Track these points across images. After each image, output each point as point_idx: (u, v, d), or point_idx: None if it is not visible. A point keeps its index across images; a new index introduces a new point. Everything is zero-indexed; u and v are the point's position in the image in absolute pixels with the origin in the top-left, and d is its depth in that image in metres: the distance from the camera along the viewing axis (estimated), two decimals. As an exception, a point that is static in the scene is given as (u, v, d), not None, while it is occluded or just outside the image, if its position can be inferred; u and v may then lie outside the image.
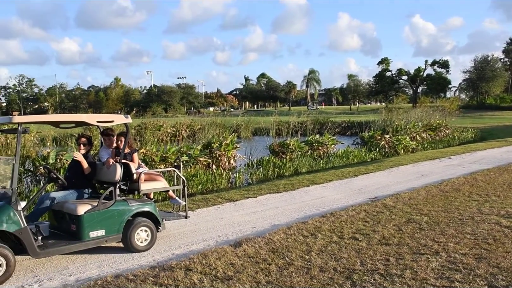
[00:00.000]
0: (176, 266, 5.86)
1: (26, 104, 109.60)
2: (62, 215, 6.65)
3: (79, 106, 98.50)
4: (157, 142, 19.27)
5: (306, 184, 12.27)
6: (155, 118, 35.41)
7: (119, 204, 6.62)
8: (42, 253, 5.89)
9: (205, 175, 13.79)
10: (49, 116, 7.15)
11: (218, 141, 16.96)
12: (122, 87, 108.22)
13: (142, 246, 6.72)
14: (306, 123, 23.82)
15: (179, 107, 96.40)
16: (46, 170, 7.06)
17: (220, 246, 6.72)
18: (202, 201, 10.27)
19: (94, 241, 6.38)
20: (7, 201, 5.73)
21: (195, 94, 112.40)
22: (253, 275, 5.48)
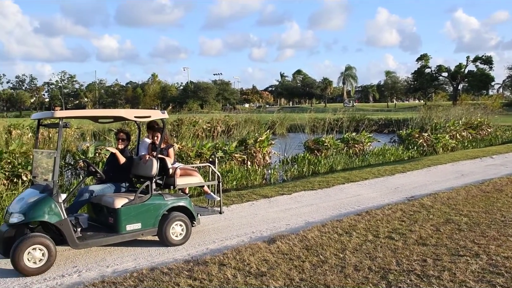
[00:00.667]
0: (210, 261, 5.90)
1: (67, 99, 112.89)
2: (100, 208, 6.81)
3: (117, 102, 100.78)
4: (192, 138, 19.49)
5: (341, 182, 12.14)
6: (191, 114, 35.80)
7: (155, 198, 6.72)
8: (81, 244, 6.05)
9: (240, 171, 13.84)
10: (89, 111, 7.34)
11: (253, 138, 16.98)
12: (159, 83, 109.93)
13: (177, 240, 6.80)
14: (342, 120, 23.57)
15: (215, 103, 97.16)
16: (85, 163, 7.24)
17: (254, 242, 6.73)
18: (236, 197, 10.31)
19: (130, 234, 6.50)
20: (49, 193, 5.91)
21: (230, 91, 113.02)
22: (287, 272, 5.46)
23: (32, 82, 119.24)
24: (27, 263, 5.57)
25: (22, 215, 5.77)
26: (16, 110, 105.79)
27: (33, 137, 27.61)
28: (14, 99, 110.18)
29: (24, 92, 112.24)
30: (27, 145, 15.59)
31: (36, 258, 5.63)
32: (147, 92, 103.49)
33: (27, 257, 5.58)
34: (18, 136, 27.05)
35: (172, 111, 33.56)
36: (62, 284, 5.38)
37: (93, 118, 7.46)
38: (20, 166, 11.01)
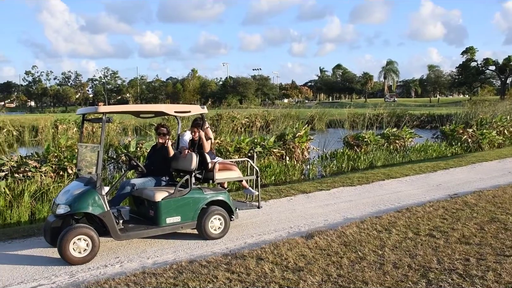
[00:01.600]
0: (248, 254, 5.95)
1: (110, 95, 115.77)
2: (141, 201, 6.97)
3: (158, 97, 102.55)
4: (231, 133, 19.64)
5: (381, 178, 11.96)
6: (230, 109, 36.07)
7: (195, 192, 6.83)
8: (123, 236, 6.22)
9: (278, 166, 13.84)
10: (130, 106, 7.51)
11: (291, 133, 16.93)
12: (198, 79, 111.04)
13: (216, 234, 6.89)
14: (383, 115, 23.17)
15: (254, 98, 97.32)
16: (127, 157, 7.43)
17: (291, 237, 6.74)
18: (274, 192, 10.33)
19: (170, 227, 6.63)
20: (93, 186, 6.11)
21: (269, 86, 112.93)
22: (324, 268, 5.44)
23: (77, 79, 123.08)
24: (72, 252, 5.79)
25: (68, 207, 5.99)
26: (62, 105, 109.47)
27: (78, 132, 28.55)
28: (60, 95, 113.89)
29: (69, 88, 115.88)
30: (72, 139, 16.13)
31: (81, 248, 5.85)
32: (187, 87, 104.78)
33: (73, 247, 5.79)
34: (64, 131, 28.08)
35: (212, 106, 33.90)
36: (105, 273, 5.55)
37: (134, 113, 7.64)
38: (66, 159, 11.39)
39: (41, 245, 6.66)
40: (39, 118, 34.18)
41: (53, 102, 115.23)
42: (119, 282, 5.11)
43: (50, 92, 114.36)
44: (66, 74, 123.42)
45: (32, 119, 37.16)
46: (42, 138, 28.46)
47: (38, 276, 5.48)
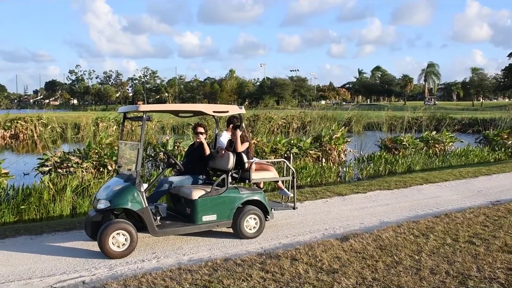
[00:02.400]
0: (282, 255, 5.97)
1: (149, 94, 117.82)
2: (178, 199, 7.10)
3: (196, 97, 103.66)
4: (268, 133, 19.68)
5: (419, 183, 11.73)
6: (267, 110, 36.14)
7: (231, 191, 6.90)
8: (160, 232, 6.35)
9: (314, 168, 13.78)
10: (170, 105, 7.67)
11: (328, 135, 16.84)
12: (236, 79, 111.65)
13: (251, 233, 6.94)
14: (422, 118, 22.72)
15: (291, 99, 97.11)
16: (165, 156, 7.57)
17: (326, 239, 6.71)
18: (310, 194, 10.30)
19: (206, 225, 6.72)
20: (132, 182, 6.26)
21: (307, 87, 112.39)
22: (359, 271, 5.39)
23: (118, 78, 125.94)
24: (111, 246, 5.96)
25: (108, 202, 6.17)
26: (103, 103, 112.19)
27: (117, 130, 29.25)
28: (101, 94, 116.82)
29: (110, 87, 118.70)
30: (111, 136, 16.55)
31: (119, 242, 6.01)
32: (224, 87, 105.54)
33: (112, 241, 5.96)
34: (104, 128, 28.81)
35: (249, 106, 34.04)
36: (142, 268, 5.68)
37: (174, 112, 7.78)
38: (106, 156, 11.72)
39: (82, 238, 6.89)
40: (81, 116, 35.17)
41: (94, 100, 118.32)
42: (156, 277, 5.22)
43: (92, 90, 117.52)
44: (107, 73, 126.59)
45: (74, 116, 38.31)
46: (83, 135, 29.31)
47: (79, 268, 5.67)
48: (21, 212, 8.80)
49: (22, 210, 8.80)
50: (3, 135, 29.94)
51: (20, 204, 8.84)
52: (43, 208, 9.01)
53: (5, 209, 8.59)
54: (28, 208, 8.87)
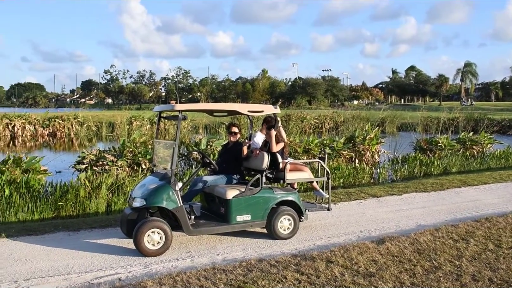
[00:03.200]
0: (317, 257, 5.89)
1: (182, 94, 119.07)
2: (213, 198, 7.10)
3: (228, 97, 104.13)
4: (300, 134, 19.58)
5: (456, 185, 11.42)
6: (299, 110, 35.97)
7: (265, 191, 6.86)
8: (194, 231, 6.36)
9: (347, 168, 13.61)
10: (205, 104, 7.69)
11: (361, 135, 16.62)
12: (268, 79, 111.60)
13: (285, 234, 6.88)
14: (458, 119, 22.15)
15: (323, 99, 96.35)
16: (200, 155, 7.58)
17: (362, 242, 6.59)
18: (344, 195, 10.17)
19: (240, 225, 6.70)
20: (167, 181, 6.30)
21: (339, 87, 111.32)
22: (397, 275, 5.26)
23: (151, 77, 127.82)
24: (146, 244, 6.00)
25: (144, 200, 6.22)
26: (137, 103, 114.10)
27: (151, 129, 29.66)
28: (135, 93, 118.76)
29: (144, 87, 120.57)
30: (145, 135, 16.77)
31: (154, 240, 6.05)
32: (256, 87, 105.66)
33: (147, 239, 6.01)
34: (138, 127, 29.28)
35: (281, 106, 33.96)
36: (177, 267, 5.70)
37: (209, 112, 7.80)
38: (140, 154, 11.88)
39: (117, 235, 6.97)
40: (115, 115, 35.84)
41: (128, 100, 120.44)
42: (191, 276, 5.23)
43: (126, 90, 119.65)
44: (141, 73, 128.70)
45: (109, 115, 39.07)
46: (118, 133, 29.87)
47: (115, 265, 5.74)
48: (59, 208, 8.99)
49: (60, 206, 8.99)
50: (41, 133, 30.82)
51: (58, 201, 9.03)
52: (79, 205, 9.19)
53: (44, 205, 8.79)
54: (66, 204, 9.06)
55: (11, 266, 5.67)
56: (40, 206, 8.73)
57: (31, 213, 8.58)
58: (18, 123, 30.25)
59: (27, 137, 29.61)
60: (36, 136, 30.31)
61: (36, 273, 5.45)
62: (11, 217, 8.37)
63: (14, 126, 30.05)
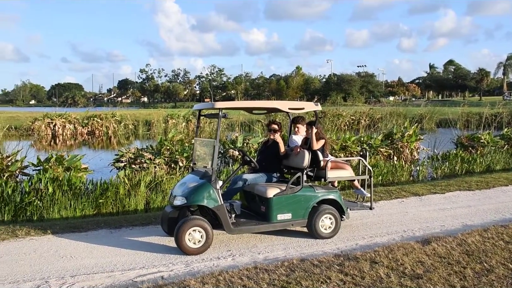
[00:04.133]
0: (361, 257, 5.74)
1: (216, 91, 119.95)
2: (253, 196, 7.04)
3: (262, 94, 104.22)
4: (336, 131, 19.33)
5: (503, 183, 10.99)
6: (334, 107, 35.56)
7: (306, 190, 6.75)
8: (235, 230, 6.32)
9: (385, 166, 13.31)
10: (245, 102, 7.61)
11: (400, 132, 16.24)
12: (302, 76, 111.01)
13: (326, 233, 6.76)
14: (502, 114, 21.40)
15: (358, 96, 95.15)
16: (240, 153, 7.53)
17: (406, 242, 6.39)
18: (384, 193, 9.94)
19: (281, 224, 6.61)
20: (208, 179, 6.27)
21: (375, 83, 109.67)
22: (446, 277, 5.06)
23: (186, 76, 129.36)
24: (188, 243, 6.00)
25: (184, 199, 6.22)
26: (172, 101, 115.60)
27: (186, 126, 29.93)
28: (170, 91, 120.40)
29: (178, 85, 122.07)
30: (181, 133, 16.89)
31: (195, 239, 6.04)
32: (290, 84, 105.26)
33: (188, 238, 6.00)
34: (173, 125, 29.62)
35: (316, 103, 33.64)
36: (218, 265, 5.67)
37: (248, 109, 7.73)
38: (177, 152, 11.94)
39: (158, 233, 7.01)
40: (152, 113, 36.39)
41: (163, 98, 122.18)
42: (233, 275, 5.18)
43: (161, 88, 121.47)
44: (176, 71, 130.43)
45: (145, 113, 39.66)
46: (154, 131, 30.30)
47: (157, 263, 5.76)
48: (99, 206, 9.13)
49: (100, 203, 9.13)
50: (81, 132, 31.55)
51: (99, 198, 9.17)
52: (119, 202, 9.30)
53: (85, 202, 8.94)
54: (106, 202, 9.19)
55: (58, 262, 5.77)
56: (81, 203, 8.89)
57: (73, 210, 8.75)
58: (59, 122, 31.05)
59: (67, 136, 30.36)
60: (75, 134, 31.05)
61: (81, 269, 5.52)
62: (55, 214, 8.55)
63: (55, 125, 30.86)
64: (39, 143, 25.52)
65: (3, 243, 6.57)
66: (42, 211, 8.56)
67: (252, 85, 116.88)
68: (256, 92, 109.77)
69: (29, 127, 30.50)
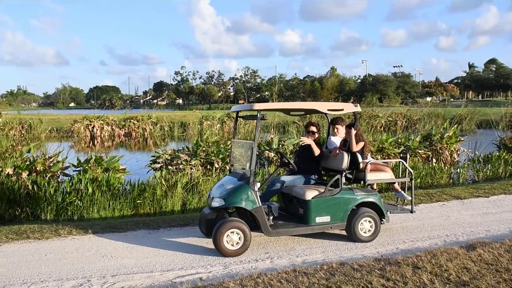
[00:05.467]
0: (402, 261, 5.58)
1: (250, 93, 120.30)
2: (290, 199, 6.97)
3: (296, 96, 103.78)
4: (373, 132, 19.02)
5: (551, 187, 10.54)
6: (370, 108, 35.07)
7: (345, 192, 6.63)
8: (273, 232, 6.26)
9: (424, 168, 12.99)
10: (283, 104, 7.54)
11: (439, 133, 15.84)
12: (337, 77, 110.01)
13: (366, 237, 6.62)
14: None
15: (394, 96, 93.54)
16: (278, 155, 7.48)
17: (449, 247, 6.18)
18: (424, 196, 9.69)
19: (319, 227, 6.52)
20: (246, 181, 6.24)
21: (411, 83, 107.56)
22: (494, 285, 4.85)
23: (220, 77, 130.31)
24: (226, 244, 5.98)
25: (222, 200, 6.21)
26: (206, 103, 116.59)
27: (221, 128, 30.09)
28: (204, 93, 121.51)
29: (213, 87, 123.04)
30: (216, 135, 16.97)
31: (233, 241, 6.02)
32: (325, 85, 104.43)
33: (226, 239, 5.99)
34: (208, 127, 29.83)
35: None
36: (257, 268, 5.63)
37: (286, 111, 7.67)
38: (213, 154, 11.98)
39: (196, 234, 7.03)
40: (187, 115, 36.74)
41: (198, 100, 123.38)
42: (271, 278, 5.12)
43: (196, 90, 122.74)
44: (210, 73, 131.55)
45: (180, 115, 40.10)
46: (190, 133, 30.59)
47: (195, 264, 5.76)
48: (137, 206, 9.25)
49: (138, 204, 9.25)
50: (118, 133, 32.19)
51: (136, 199, 9.29)
52: (156, 203, 9.40)
53: (124, 203, 9.08)
54: (143, 202, 9.30)
55: (98, 262, 5.86)
56: (119, 203, 9.03)
57: (111, 210, 8.89)
58: (97, 124, 31.79)
59: (105, 137, 31.03)
60: (113, 136, 31.70)
61: (122, 269, 5.58)
62: (94, 214, 8.71)
63: (93, 127, 31.61)
64: (79, 145, 26.17)
65: (47, 242, 6.74)
66: (82, 211, 8.74)
67: (286, 86, 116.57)
68: (290, 93, 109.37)
69: (69, 129, 31.34)
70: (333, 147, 7.24)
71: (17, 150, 11.43)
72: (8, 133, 26.19)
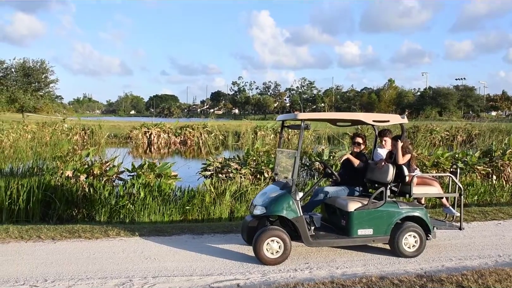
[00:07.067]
0: (446, 279, 5.40)
1: (306, 104, 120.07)
2: (333, 210, 6.91)
3: (352, 107, 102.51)
4: (429, 146, 18.44)
5: None
6: (428, 121, 34.03)
7: (389, 205, 6.50)
8: (314, 243, 6.23)
9: (482, 185, 12.46)
10: (328, 114, 7.53)
11: (500, 149, 15.12)
12: (395, 89, 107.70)
13: (409, 252, 6.45)
14: None
15: (455, 110, 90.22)
16: (322, 165, 7.46)
17: (500, 267, 5.91)
18: (478, 214, 9.29)
19: (361, 239, 6.42)
20: (288, 190, 6.26)
21: (474, 97, 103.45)
22: (543, 309, 4.60)
23: (276, 88, 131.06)
24: (265, 252, 6.02)
25: (264, 208, 6.26)
26: (262, 113, 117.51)
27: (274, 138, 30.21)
28: (260, 104, 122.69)
29: (269, 97, 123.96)
30: (269, 145, 17.05)
31: (273, 249, 6.04)
32: (382, 97, 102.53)
33: (266, 247, 6.02)
34: (261, 137, 30.01)
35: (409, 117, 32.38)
36: (295, 277, 5.62)
37: (331, 121, 7.64)
38: (263, 163, 12.07)
39: (237, 241, 7.11)
40: (241, 124, 37.15)
41: (254, 110, 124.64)
42: (308, 288, 5.11)
43: (252, 100, 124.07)
44: (267, 84, 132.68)
45: (235, 125, 40.62)
46: (243, 142, 30.92)
47: (234, 271, 5.83)
48: (186, 212, 9.48)
49: (187, 210, 9.47)
50: (174, 141, 33.07)
51: (186, 205, 9.52)
52: (204, 210, 9.58)
53: (173, 208, 9.33)
54: (192, 208, 9.51)
55: (142, 263, 6.07)
56: (169, 209, 9.28)
57: (161, 215, 9.16)
58: (154, 131, 32.81)
59: (161, 144, 31.96)
60: (169, 143, 32.58)
61: (163, 271, 5.75)
62: (145, 218, 9.01)
63: (151, 134, 32.65)
64: (136, 151, 27.09)
65: (97, 241, 7.05)
66: (133, 214, 9.07)
67: (342, 98, 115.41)
68: (346, 105, 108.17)
69: (127, 135, 32.54)
70: (379, 159, 7.12)
71: (77, 154, 12.04)
72: (72, 138, 27.57)
